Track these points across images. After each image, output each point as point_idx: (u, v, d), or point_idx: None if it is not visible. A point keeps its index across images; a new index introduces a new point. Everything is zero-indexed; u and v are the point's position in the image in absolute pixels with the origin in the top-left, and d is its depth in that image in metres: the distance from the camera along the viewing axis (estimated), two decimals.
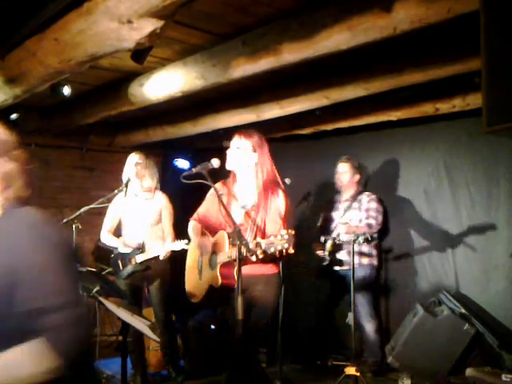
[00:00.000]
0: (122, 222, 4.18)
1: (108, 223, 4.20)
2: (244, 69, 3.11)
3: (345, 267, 4.49)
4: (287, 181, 4.09)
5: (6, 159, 1.43)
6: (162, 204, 4.11)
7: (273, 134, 5.31)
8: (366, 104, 4.24)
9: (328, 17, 2.57)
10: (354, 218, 4.52)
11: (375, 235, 4.39)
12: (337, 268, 4.53)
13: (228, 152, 2.96)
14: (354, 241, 3.89)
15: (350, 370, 3.77)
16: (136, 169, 4.02)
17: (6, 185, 1.44)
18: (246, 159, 2.94)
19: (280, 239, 2.47)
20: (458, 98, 3.91)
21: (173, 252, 3.86)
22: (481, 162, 4.34)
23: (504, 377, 3.57)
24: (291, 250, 2.49)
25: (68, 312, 1.28)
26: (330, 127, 4.89)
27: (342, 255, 4.53)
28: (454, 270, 4.47)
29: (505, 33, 1.71)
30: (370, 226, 4.38)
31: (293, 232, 2.50)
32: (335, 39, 2.61)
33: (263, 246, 2.52)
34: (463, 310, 4.18)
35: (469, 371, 3.85)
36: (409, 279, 4.79)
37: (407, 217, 4.81)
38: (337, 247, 4.48)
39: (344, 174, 4.66)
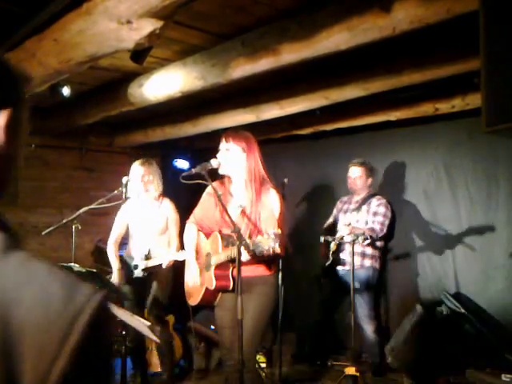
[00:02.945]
0: (129, 231, 4.15)
1: (115, 234, 4.14)
2: (243, 69, 3.11)
3: (346, 267, 4.49)
4: (285, 181, 4.10)
5: None
6: (168, 212, 4.07)
7: (273, 135, 5.32)
8: (366, 104, 4.24)
9: (327, 17, 2.57)
10: (360, 220, 4.44)
11: (377, 238, 4.34)
12: (339, 268, 4.52)
13: (218, 155, 2.96)
14: (354, 241, 3.89)
15: (350, 370, 3.77)
16: (143, 181, 3.97)
17: None
18: (236, 160, 2.93)
19: (267, 238, 2.46)
20: (457, 98, 3.91)
21: (175, 261, 3.83)
22: (480, 161, 4.34)
23: (504, 377, 3.57)
24: (277, 249, 2.47)
25: None
26: (329, 127, 4.89)
27: (344, 255, 4.53)
28: (454, 270, 4.47)
29: (504, 33, 1.71)
30: (372, 229, 4.27)
31: (280, 231, 2.48)
32: (335, 39, 2.61)
33: (251, 247, 2.51)
34: (463, 310, 4.18)
35: (469, 371, 3.86)
36: (409, 279, 4.79)
37: (407, 217, 4.81)
38: (340, 248, 4.46)
39: (358, 178, 4.51)
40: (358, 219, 4.44)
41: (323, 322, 4.78)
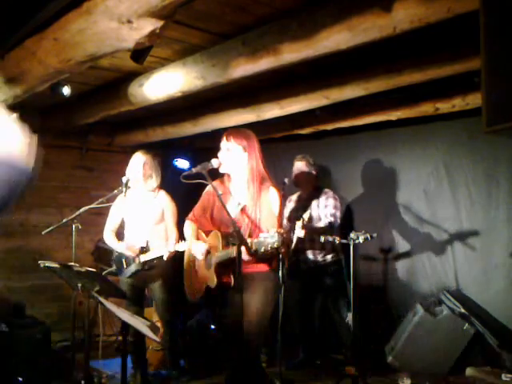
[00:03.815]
0: (124, 221, 4.17)
1: (111, 223, 4.17)
2: (244, 69, 3.11)
3: (310, 265, 4.50)
4: (286, 180, 4.10)
5: None
6: (164, 203, 4.10)
7: (273, 134, 5.32)
8: (366, 104, 4.24)
9: (328, 16, 2.57)
10: (314, 215, 4.47)
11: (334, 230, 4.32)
12: (302, 267, 4.53)
13: (219, 154, 2.96)
14: (354, 241, 3.88)
15: (350, 370, 3.78)
16: (143, 170, 4.00)
17: None
18: (237, 159, 2.93)
19: (270, 237, 2.47)
20: (457, 97, 3.91)
21: (176, 252, 3.84)
22: (481, 161, 4.34)
23: (504, 376, 3.58)
24: (281, 248, 2.48)
25: None
26: (329, 127, 4.90)
27: (307, 254, 4.54)
28: (454, 270, 4.47)
29: (505, 32, 1.71)
30: (329, 225, 4.32)
31: (281, 230, 2.49)
32: (335, 39, 2.61)
33: (253, 246, 2.52)
34: (463, 310, 4.18)
35: (469, 371, 3.86)
36: (409, 279, 4.79)
37: (407, 217, 4.81)
38: (300, 246, 4.43)
39: (301, 171, 4.61)
40: (311, 216, 4.41)
41: (303, 325, 4.74)
